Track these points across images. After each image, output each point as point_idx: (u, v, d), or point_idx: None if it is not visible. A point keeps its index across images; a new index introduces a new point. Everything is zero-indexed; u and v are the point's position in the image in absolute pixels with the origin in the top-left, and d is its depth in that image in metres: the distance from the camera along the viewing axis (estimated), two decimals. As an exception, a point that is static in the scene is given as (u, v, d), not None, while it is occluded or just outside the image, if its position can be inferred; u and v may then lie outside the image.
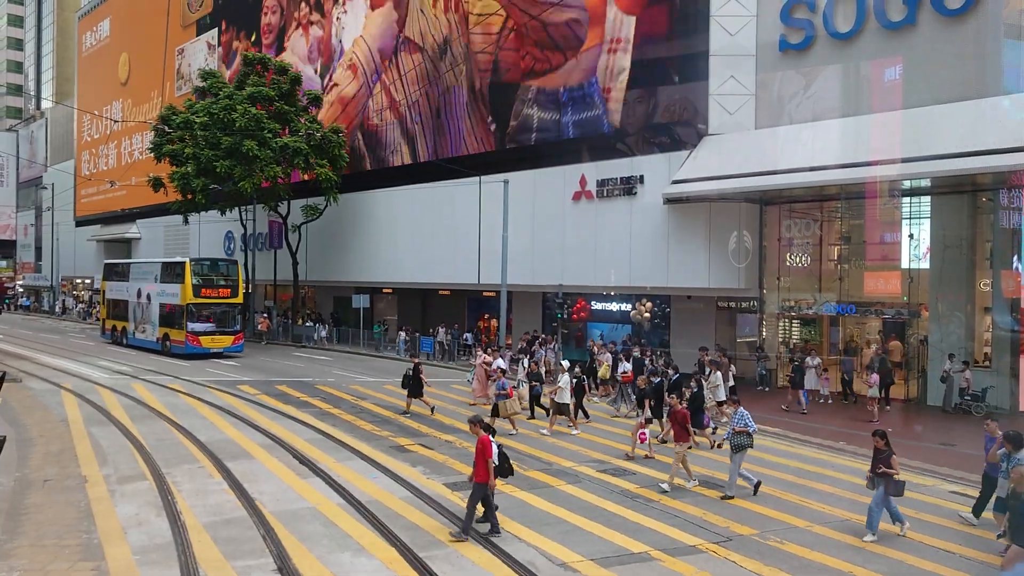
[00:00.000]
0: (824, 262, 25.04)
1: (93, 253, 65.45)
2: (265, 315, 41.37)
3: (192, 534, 10.51)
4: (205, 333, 31.45)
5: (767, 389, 24.10)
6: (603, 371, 22.73)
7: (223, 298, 32.18)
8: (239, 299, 33.03)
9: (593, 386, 22.88)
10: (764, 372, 24.50)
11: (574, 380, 18.33)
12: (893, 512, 11.09)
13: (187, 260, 32.08)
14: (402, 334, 34.21)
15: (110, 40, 63.33)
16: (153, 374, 26.57)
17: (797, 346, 24.48)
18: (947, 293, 21.68)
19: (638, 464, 14.84)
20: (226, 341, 31.90)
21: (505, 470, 11.05)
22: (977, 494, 12.00)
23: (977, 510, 11.71)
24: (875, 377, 20.28)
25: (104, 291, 39.81)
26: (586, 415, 19.19)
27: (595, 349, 24.74)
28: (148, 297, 34.25)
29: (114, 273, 39.08)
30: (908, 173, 19.77)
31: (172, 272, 32.72)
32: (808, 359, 22.38)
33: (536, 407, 19.51)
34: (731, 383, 20.83)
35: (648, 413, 16.53)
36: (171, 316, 32.34)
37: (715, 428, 17.35)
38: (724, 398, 18.26)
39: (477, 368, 21.67)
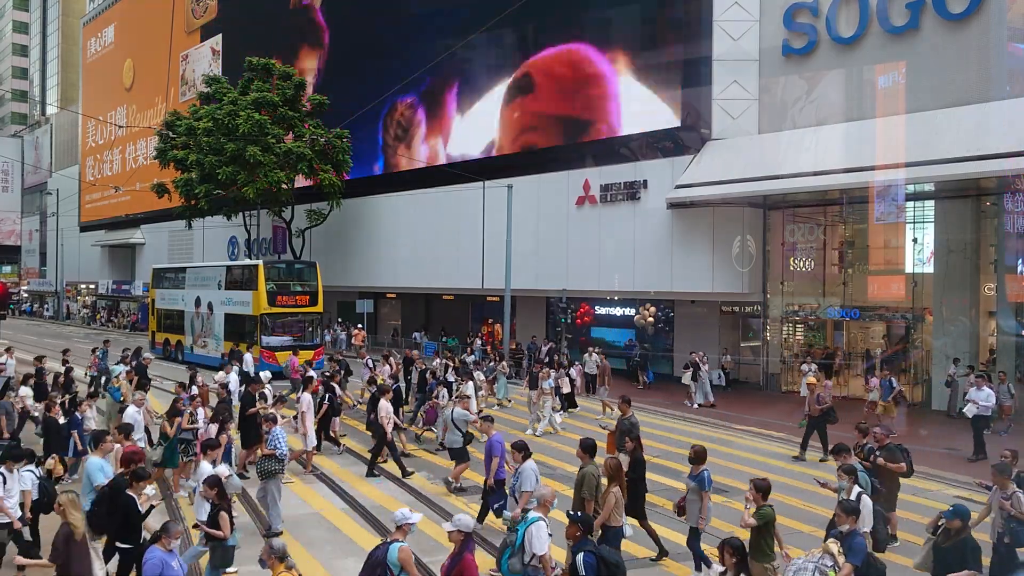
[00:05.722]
0: (828, 266, 25.04)
1: (97, 258, 65.75)
2: (361, 326, 35.41)
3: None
4: (282, 348, 27.00)
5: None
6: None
7: (301, 307, 28.52)
8: (319, 307, 29.33)
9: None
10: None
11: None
12: None
13: (259, 263, 28.43)
14: (477, 341, 31.46)
15: (114, 46, 63.61)
16: (157, 379, 26.57)
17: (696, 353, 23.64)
18: (951, 297, 21.67)
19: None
20: (306, 357, 26.09)
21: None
22: (977, 498, 11.91)
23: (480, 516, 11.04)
24: (875, 381, 20.21)
25: (153, 300, 35.76)
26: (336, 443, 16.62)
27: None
28: (209, 306, 30.47)
29: (165, 279, 34.94)
30: (912, 177, 19.75)
31: (240, 277, 29.08)
32: (804, 366, 22.28)
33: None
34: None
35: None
36: (240, 328, 28.41)
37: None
38: (473, 415, 17.20)
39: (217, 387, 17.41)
